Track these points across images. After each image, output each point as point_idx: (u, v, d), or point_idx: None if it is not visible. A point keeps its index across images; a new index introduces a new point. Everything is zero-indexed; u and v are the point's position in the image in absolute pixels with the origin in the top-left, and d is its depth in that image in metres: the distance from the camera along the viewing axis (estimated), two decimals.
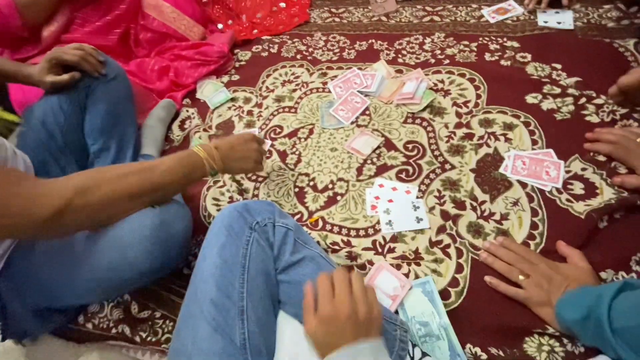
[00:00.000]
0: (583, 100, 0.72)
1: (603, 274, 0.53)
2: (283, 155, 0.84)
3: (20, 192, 0.45)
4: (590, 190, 0.61)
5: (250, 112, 0.96)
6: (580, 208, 0.60)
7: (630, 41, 0.78)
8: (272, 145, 0.86)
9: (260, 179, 0.82)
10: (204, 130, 0.94)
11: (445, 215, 0.65)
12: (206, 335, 0.44)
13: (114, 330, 0.66)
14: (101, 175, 0.51)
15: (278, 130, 0.89)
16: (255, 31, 1.16)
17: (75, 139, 0.77)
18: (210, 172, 0.60)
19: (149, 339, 0.63)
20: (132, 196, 0.52)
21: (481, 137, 0.73)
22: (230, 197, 0.80)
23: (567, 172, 0.64)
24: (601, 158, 0.64)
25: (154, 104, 0.98)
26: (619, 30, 0.81)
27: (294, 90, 0.97)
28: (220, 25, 1.18)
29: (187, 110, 1.01)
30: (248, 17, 1.20)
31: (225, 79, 1.07)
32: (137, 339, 0.63)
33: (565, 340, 0.49)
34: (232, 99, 1.00)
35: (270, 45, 1.11)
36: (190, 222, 0.61)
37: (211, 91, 1.04)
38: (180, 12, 1.08)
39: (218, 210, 0.78)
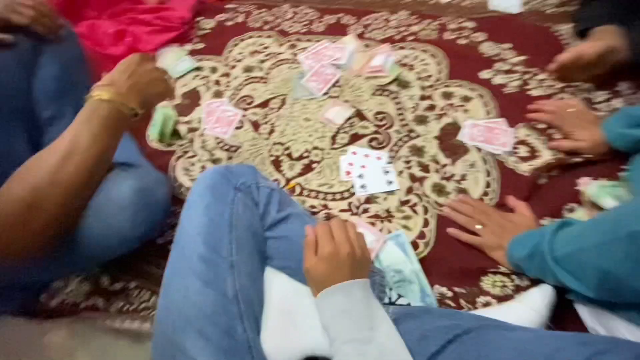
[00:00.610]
0: (527, 76, 0.82)
1: (543, 222, 0.62)
2: (255, 125, 0.84)
3: None
4: (533, 153, 0.71)
5: (217, 82, 0.93)
6: (525, 168, 0.69)
7: (566, 25, 0.90)
8: (243, 115, 0.86)
9: (233, 148, 0.81)
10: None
11: (412, 177, 0.71)
12: (197, 289, 0.44)
13: (83, 305, 0.63)
14: (35, 182, 0.44)
15: (249, 100, 0.88)
16: None
17: (23, 105, 0.70)
18: (129, 113, 0.51)
19: (125, 308, 0.62)
20: (80, 189, 0.47)
21: (442, 108, 0.80)
22: (202, 167, 0.79)
23: (515, 137, 0.73)
24: (541, 126, 0.74)
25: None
26: (558, 15, 0.92)
27: (264, 61, 0.96)
28: None
29: None
30: None
31: (189, 47, 1.02)
32: (113, 309, 0.61)
33: (514, 277, 0.58)
34: (197, 68, 0.97)
35: (236, 14, 1.07)
36: (169, 187, 0.60)
37: (173, 59, 0.98)
38: None
39: (191, 180, 0.77)
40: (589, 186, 0.63)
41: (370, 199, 0.70)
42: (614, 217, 0.42)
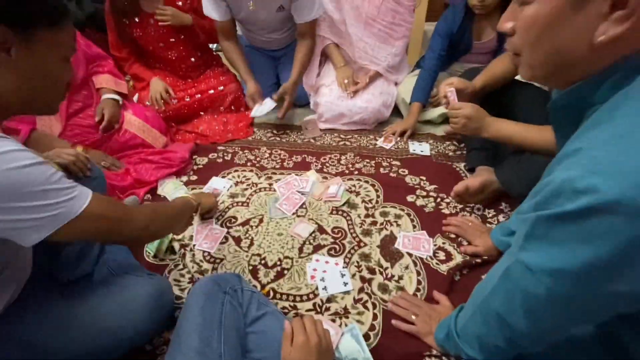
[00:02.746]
0: (439, 199, 1.14)
1: None
2: (237, 240, 1.04)
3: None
4: (448, 256, 0.96)
5: None
6: (444, 268, 0.92)
7: (462, 164, 1.28)
8: (228, 232, 1.06)
9: (218, 260, 0.99)
10: None
11: (362, 279, 0.91)
12: None
13: None
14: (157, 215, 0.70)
15: (233, 220, 1.11)
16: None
17: None
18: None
19: None
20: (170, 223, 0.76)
21: (382, 224, 1.07)
22: (191, 277, 0.94)
23: (435, 245, 0.99)
24: (453, 235, 1.01)
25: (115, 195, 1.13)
26: (457, 157, 1.32)
27: (245, 189, 1.23)
28: None
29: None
30: (203, 130, 1.50)
31: (184, 178, 1.29)
32: None
33: (444, 358, 0.74)
34: None
35: (225, 154, 1.40)
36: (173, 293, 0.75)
37: (171, 189, 1.23)
38: (149, 126, 1.33)
39: (180, 289, 0.91)
40: None
41: (330, 299, 0.87)
42: (481, 295, 0.61)
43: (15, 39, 0.52)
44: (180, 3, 1.40)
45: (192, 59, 1.53)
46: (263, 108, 1.43)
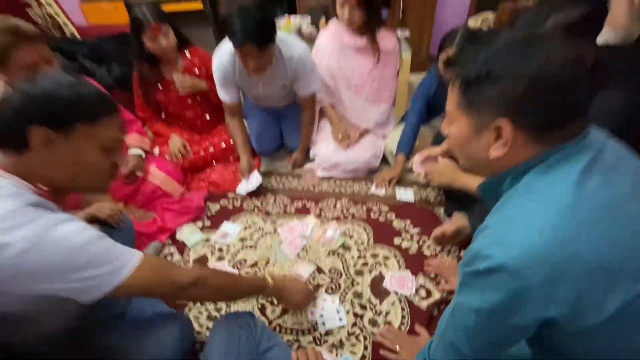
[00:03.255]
0: (422, 241, 1.32)
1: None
2: None
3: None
4: (428, 294, 1.12)
5: (220, 249, 1.34)
6: (424, 304, 1.08)
7: (441, 208, 1.47)
8: (239, 273, 1.23)
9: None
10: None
11: (355, 315, 1.07)
12: None
13: None
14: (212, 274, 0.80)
15: (243, 261, 1.28)
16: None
17: None
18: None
19: None
20: (227, 293, 0.84)
21: (372, 265, 1.23)
22: (208, 315, 1.09)
23: (417, 284, 1.15)
24: (432, 275, 1.18)
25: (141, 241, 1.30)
26: (437, 202, 1.52)
27: (253, 233, 1.40)
28: None
29: (169, 249, 1.34)
30: (215, 179, 1.70)
31: (199, 224, 1.47)
32: None
33: None
34: (206, 239, 1.38)
35: (235, 200, 1.59)
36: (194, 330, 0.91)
37: (188, 233, 1.41)
38: (170, 177, 1.53)
39: (199, 325, 1.06)
40: None
41: (328, 332, 1.02)
42: (441, 328, 0.76)
43: (56, 136, 0.60)
44: (197, 71, 1.66)
45: (207, 116, 1.77)
46: (248, 186, 1.56)
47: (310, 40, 2.01)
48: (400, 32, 2.17)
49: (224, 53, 1.42)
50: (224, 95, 1.52)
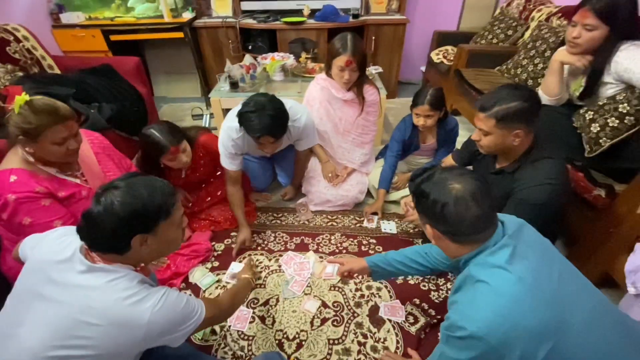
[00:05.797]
0: None
1: None
2: (262, 318, 1.38)
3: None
4: (415, 319, 1.37)
5: None
6: (413, 329, 1.33)
7: (419, 240, 1.74)
8: (253, 312, 1.40)
9: (251, 337, 1.31)
10: None
11: (359, 343, 1.29)
12: None
13: None
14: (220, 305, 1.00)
15: (255, 300, 1.45)
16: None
17: None
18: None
19: None
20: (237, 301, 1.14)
21: (367, 296, 1.46)
22: (233, 354, 1.26)
23: (406, 311, 1.40)
24: (417, 301, 1.43)
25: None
26: (415, 233, 1.78)
27: (261, 271, 1.57)
28: None
29: (186, 292, 1.47)
30: (216, 217, 1.83)
31: (209, 265, 1.60)
32: None
33: None
34: (218, 280, 1.53)
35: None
36: None
37: (200, 276, 1.54)
38: None
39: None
40: None
41: None
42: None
43: (150, 237, 0.78)
44: (202, 162, 1.71)
45: (211, 180, 1.87)
46: (227, 274, 1.55)
47: (293, 74, 2.46)
48: (373, 69, 2.43)
49: (232, 128, 1.52)
50: (229, 164, 1.60)
